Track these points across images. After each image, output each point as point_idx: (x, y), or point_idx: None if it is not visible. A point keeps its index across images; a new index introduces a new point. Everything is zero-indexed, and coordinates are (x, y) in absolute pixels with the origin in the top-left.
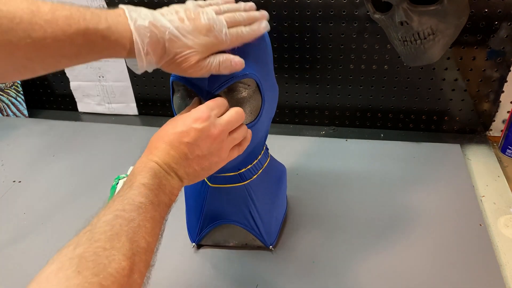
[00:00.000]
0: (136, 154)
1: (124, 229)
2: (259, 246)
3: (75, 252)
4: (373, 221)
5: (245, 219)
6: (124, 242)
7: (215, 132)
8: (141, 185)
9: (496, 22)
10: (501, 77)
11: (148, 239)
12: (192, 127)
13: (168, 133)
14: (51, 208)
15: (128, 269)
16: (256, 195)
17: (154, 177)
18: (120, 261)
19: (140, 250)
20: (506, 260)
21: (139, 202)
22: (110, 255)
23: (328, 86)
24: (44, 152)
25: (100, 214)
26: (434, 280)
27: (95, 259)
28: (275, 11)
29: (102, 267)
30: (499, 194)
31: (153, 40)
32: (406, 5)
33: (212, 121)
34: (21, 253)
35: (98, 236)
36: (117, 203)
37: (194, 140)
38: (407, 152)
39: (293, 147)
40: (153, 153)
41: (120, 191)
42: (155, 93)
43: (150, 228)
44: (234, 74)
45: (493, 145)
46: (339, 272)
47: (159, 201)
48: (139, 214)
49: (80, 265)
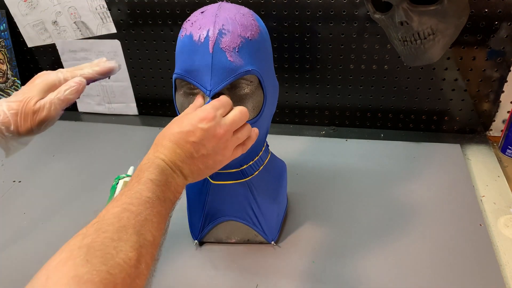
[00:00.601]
0: (136, 154)
1: (132, 222)
2: (261, 242)
3: (84, 242)
4: (373, 221)
5: (247, 215)
6: (131, 235)
7: (220, 132)
8: (148, 180)
9: (496, 22)
10: (501, 77)
11: (154, 233)
12: (198, 126)
13: (174, 132)
14: (51, 208)
15: (135, 260)
16: (258, 191)
17: (161, 174)
18: (127, 252)
19: (147, 243)
20: (506, 260)
21: (146, 196)
22: (117, 245)
23: (328, 86)
24: (44, 152)
25: (108, 207)
26: (434, 280)
27: (103, 249)
28: (275, 11)
29: (110, 257)
30: (499, 194)
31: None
32: (406, 5)
33: (217, 121)
34: (21, 253)
35: (106, 228)
36: (125, 197)
37: (200, 139)
38: (407, 152)
39: (293, 147)
40: (159, 151)
41: (128, 185)
42: (155, 93)
43: (156, 223)
44: (237, 70)
45: (493, 145)
46: (339, 271)
47: (165, 197)
48: (146, 209)
49: (88, 254)
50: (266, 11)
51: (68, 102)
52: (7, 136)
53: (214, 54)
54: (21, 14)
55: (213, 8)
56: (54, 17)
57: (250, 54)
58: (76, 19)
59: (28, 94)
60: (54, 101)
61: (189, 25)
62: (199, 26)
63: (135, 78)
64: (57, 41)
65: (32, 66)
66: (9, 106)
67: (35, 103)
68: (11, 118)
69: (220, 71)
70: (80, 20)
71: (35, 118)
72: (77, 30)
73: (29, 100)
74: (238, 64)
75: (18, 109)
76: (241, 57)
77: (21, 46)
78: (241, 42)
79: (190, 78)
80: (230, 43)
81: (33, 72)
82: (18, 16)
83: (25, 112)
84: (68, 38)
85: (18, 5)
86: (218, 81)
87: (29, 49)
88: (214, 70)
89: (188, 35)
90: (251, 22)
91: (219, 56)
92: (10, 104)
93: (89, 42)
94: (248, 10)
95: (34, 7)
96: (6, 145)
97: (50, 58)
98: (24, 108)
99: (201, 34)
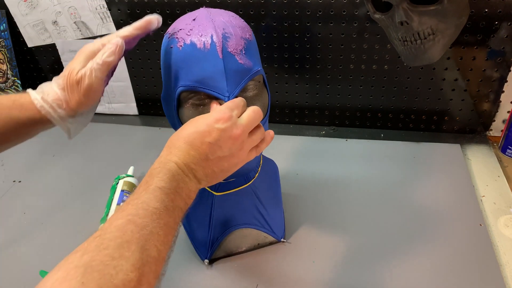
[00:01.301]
0: (136, 154)
1: (136, 236)
2: (271, 243)
3: (82, 260)
4: (372, 220)
5: (255, 219)
6: (134, 251)
7: (237, 132)
8: (157, 188)
9: (496, 22)
10: (501, 77)
11: (159, 248)
12: (214, 127)
13: (189, 132)
14: (51, 208)
15: (136, 281)
16: (261, 192)
17: (171, 180)
18: (128, 272)
19: (151, 260)
20: (506, 260)
21: (153, 207)
22: (118, 265)
23: (328, 86)
24: (44, 152)
25: (112, 218)
26: (434, 280)
27: (101, 269)
28: (275, 11)
29: (108, 278)
30: (499, 194)
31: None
32: (406, 5)
33: (234, 121)
34: (21, 253)
35: (107, 243)
36: (131, 207)
37: (216, 140)
38: (407, 152)
39: (293, 147)
40: (172, 153)
41: (135, 192)
42: (155, 93)
43: (163, 236)
44: (249, 72)
45: (493, 145)
46: (339, 271)
47: (174, 206)
48: (153, 221)
49: (85, 275)
50: (266, 11)
51: (107, 66)
52: (63, 117)
53: (224, 59)
54: (21, 14)
55: (203, 13)
56: (54, 17)
57: (253, 54)
58: (76, 19)
59: (71, 67)
60: (94, 67)
61: (184, 34)
62: (199, 33)
63: (135, 78)
64: (57, 41)
65: (32, 66)
66: (57, 83)
67: (77, 72)
68: (60, 94)
69: (233, 75)
70: (80, 20)
71: (80, 88)
72: (77, 30)
73: (72, 71)
74: (248, 66)
75: (64, 83)
76: (248, 58)
77: (21, 46)
78: (244, 43)
79: (204, 88)
80: (236, 46)
81: (33, 72)
82: (18, 16)
83: (70, 84)
84: (68, 38)
85: (18, 5)
86: (233, 85)
87: (29, 49)
88: (228, 74)
89: (189, 43)
90: (244, 24)
91: (229, 60)
92: (57, 81)
93: (89, 42)
94: (232, 12)
95: (34, 7)
96: (66, 126)
97: (50, 58)
98: (69, 80)
99: (205, 40)
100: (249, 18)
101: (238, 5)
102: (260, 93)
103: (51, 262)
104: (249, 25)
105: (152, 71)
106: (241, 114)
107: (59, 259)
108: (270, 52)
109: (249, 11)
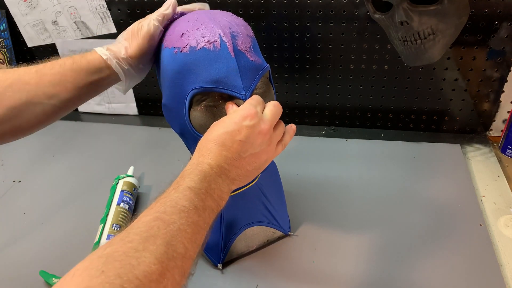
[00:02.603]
0: (136, 154)
1: (162, 232)
2: (279, 237)
3: (106, 251)
4: (372, 220)
5: (263, 216)
6: (159, 245)
7: (265, 127)
8: (187, 188)
9: (496, 22)
10: (501, 77)
11: (186, 245)
12: (243, 125)
13: (218, 133)
14: (51, 208)
15: (158, 274)
16: (267, 189)
17: (202, 181)
18: (151, 264)
19: (176, 255)
20: (506, 260)
21: (182, 205)
22: (140, 256)
23: (328, 86)
24: (44, 152)
25: (140, 215)
26: (434, 280)
27: (123, 259)
28: (275, 11)
29: (128, 268)
30: (499, 194)
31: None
32: (406, 5)
33: (260, 116)
34: (21, 253)
35: (132, 237)
36: (159, 205)
37: (247, 137)
38: (407, 152)
39: (293, 147)
40: (204, 155)
41: (165, 192)
42: (155, 93)
43: (191, 234)
44: (260, 68)
45: (493, 145)
46: (339, 271)
47: (204, 206)
48: (180, 218)
49: (106, 264)
50: (266, 11)
51: (164, 17)
52: (123, 64)
53: (237, 57)
54: (21, 14)
55: (204, 14)
56: (54, 17)
57: (258, 51)
58: (76, 19)
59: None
60: (152, 17)
61: (189, 37)
62: (206, 34)
63: None
64: (57, 41)
65: None
66: (121, 36)
67: (138, 23)
68: (122, 42)
69: (247, 72)
70: (80, 20)
71: (139, 35)
72: (77, 30)
73: (133, 25)
74: (259, 62)
75: (126, 33)
76: (257, 55)
77: (21, 46)
78: (251, 41)
79: (219, 88)
80: (245, 44)
81: None
82: (18, 16)
83: (132, 33)
84: (68, 38)
85: (18, 5)
86: (248, 83)
87: (29, 49)
88: (242, 72)
89: (197, 46)
90: (244, 22)
91: (241, 58)
92: (122, 34)
93: (89, 42)
94: (228, 12)
95: (34, 7)
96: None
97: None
98: (131, 30)
99: (214, 41)
100: (249, 18)
101: (238, 5)
102: (268, 89)
103: (51, 262)
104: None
105: (152, 71)
106: (263, 110)
107: (59, 259)
108: (270, 52)
109: (249, 11)
